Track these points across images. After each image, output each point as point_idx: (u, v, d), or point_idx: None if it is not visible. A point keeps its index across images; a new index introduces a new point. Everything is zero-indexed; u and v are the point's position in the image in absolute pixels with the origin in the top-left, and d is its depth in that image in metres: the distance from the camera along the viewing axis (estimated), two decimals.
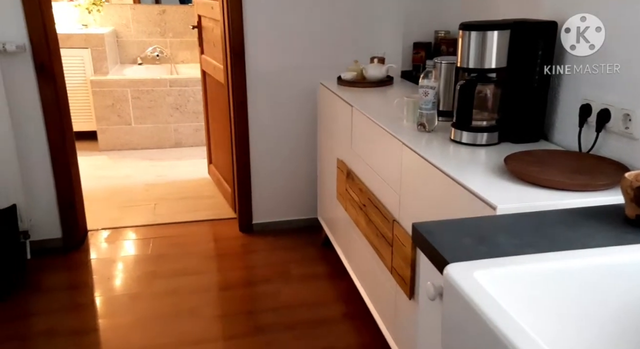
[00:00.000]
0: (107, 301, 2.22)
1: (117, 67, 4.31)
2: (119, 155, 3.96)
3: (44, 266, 2.40)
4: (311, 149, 2.69)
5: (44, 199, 2.50)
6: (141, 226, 2.88)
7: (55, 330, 1.98)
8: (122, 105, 3.95)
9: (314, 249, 2.61)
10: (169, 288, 2.28)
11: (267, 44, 2.53)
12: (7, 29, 2.20)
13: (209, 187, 3.42)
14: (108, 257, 2.57)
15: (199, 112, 4.08)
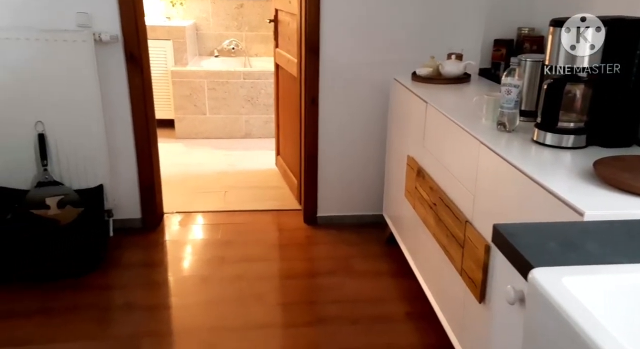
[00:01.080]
0: (179, 281, 2.34)
1: (196, 59, 4.50)
2: (193, 143, 4.14)
3: (123, 244, 2.56)
4: (380, 145, 2.68)
5: (127, 181, 2.66)
6: (212, 211, 3.00)
7: (133, 304, 2.11)
8: (198, 95, 4.12)
9: (377, 246, 2.60)
10: (236, 273, 2.36)
11: (342, 39, 2.54)
12: (103, 20, 2.36)
13: (275, 178, 3.50)
14: (181, 240, 2.70)
15: (269, 104, 4.18)
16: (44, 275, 2.22)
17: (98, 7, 2.34)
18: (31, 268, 2.22)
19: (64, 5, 2.31)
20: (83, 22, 2.34)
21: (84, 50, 2.33)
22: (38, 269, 2.22)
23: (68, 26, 2.34)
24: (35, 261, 2.22)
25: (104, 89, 2.45)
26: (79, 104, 2.42)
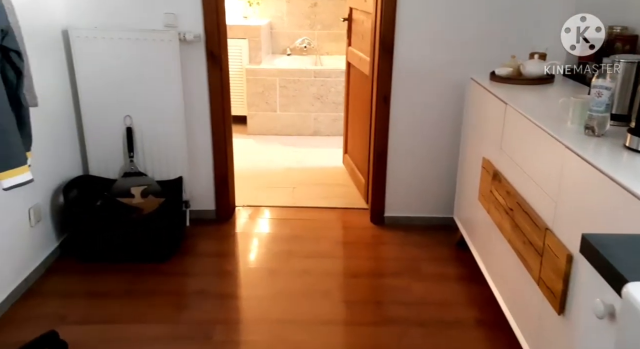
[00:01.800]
0: (248, 272, 2.43)
1: (269, 57, 4.61)
2: (264, 139, 4.25)
3: (198, 234, 2.69)
4: (453, 146, 2.62)
5: (204, 175, 2.79)
6: (280, 206, 3.07)
7: (206, 291, 2.21)
8: (270, 93, 4.23)
9: (447, 249, 2.55)
10: (303, 268, 2.41)
11: (417, 38, 2.51)
12: (188, 20, 2.49)
13: (342, 176, 3.52)
14: (251, 232, 2.79)
15: (338, 102, 4.20)
16: (128, 259, 2.37)
17: (184, 8, 2.47)
18: (117, 252, 2.38)
19: (153, 6, 2.46)
20: (170, 22, 2.48)
21: (170, 49, 2.46)
22: (123, 253, 2.39)
23: (156, 26, 2.48)
24: (120, 246, 2.38)
25: (185, 87, 2.58)
26: (163, 100, 2.56)
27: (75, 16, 2.44)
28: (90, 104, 2.54)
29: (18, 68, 1.36)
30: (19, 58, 1.35)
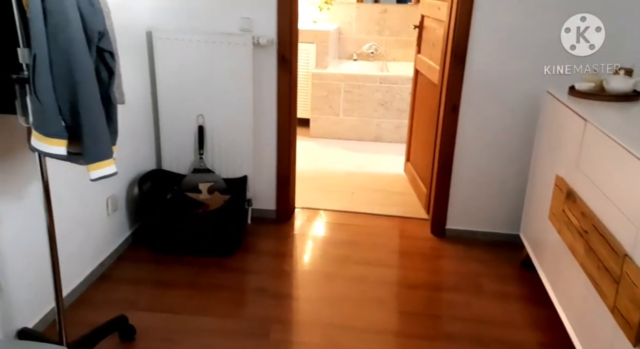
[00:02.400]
0: (305, 274, 2.46)
1: (335, 62, 4.65)
2: (325, 143, 4.29)
3: (258, 232, 2.76)
4: (523, 161, 2.53)
5: (267, 175, 2.85)
6: (339, 211, 3.09)
7: (265, 289, 2.26)
8: (334, 97, 4.26)
9: (510, 267, 2.46)
10: (359, 274, 2.41)
11: (491, 47, 2.45)
12: (262, 25, 2.56)
13: (403, 184, 3.48)
14: (309, 234, 2.83)
15: (402, 109, 4.17)
16: (193, 252, 2.47)
17: (259, 13, 2.54)
18: (183, 244, 2.49)
19: (230, 10, 2.55)
20: (245, 27, 2.56)
21: (244, 53, 2.55)
22: (189, 246, 2.49)
23: (232, 30, 2.57)
24: (186, 238, 2.48)
25: (255, 89, 2.65)
26: (234, 101, 2.65)
27: (158, 18, 2.57)
28: (167, 102, 2.67)
29: (110, 68, 1.45)
30: (112, 58, 1.45)
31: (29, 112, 1.33)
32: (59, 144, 1.35)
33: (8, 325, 1.68)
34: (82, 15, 1.30)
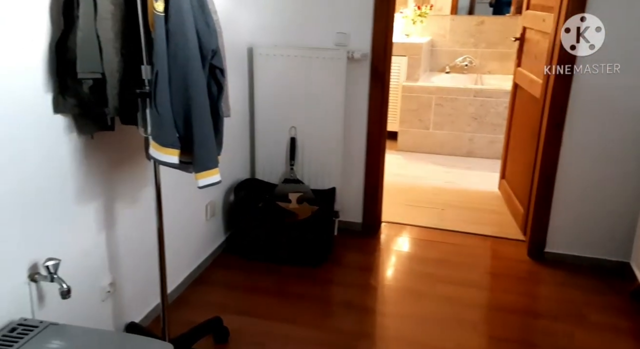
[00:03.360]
0: (392, 289, 2.42)
1: (427, 75, 4.58)
2: (413, 157, 4.22)
3: (345, 244, 2.77)
4: (634, 183, 2.31)
5: (354, 187, 2.86)
6: (427, 227, 3.01)
7: (351, 302, 2.26)
8: (424, 110, 4.19)
9: (618, 298, 2.25)
10: (448, 294, 2.32)
11: (603, 60, 2.27)
12: (357, 40, 2.59)
13: (496, 202, 3.33)
14: (396, 250, 2.79)
15: (497, 124, 4.00)
16: (282, 260, 2.54)
17: (355, 28, 2.58)
18: (273, 252, 2.56)
19: (327, 26, 2.61)
20: (341, 41, 2.61)
21: (338, 67, 2.59)
22: (278, 254, 2.56)
23: (327, 45, 2.63)
24: (276, 247, 2.56)
25: (347, 102, 2.68)
26: (325, 113, 2.70)
27: (259, 35, 2.70)
28: (263, 115, 2.78)
29: (220, 83, 1.55)
30: (222, 75, 1.54)
31: (147, 124, 1.45)
32: (173, 153, 1.46)
33: (119, 319, 1.83)
34: (199, 35, 1.40)
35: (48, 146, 1.42)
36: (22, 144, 1.33)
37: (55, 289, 1.38)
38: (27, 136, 1.35)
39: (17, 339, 1.21)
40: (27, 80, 1.33)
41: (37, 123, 1.38)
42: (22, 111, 1.33)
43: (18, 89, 1.31)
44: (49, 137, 1.42)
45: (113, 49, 1.38)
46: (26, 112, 1.34)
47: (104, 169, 1.66)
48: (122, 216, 1.78)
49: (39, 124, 1.38)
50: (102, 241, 1.70)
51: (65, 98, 1.41)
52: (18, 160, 1.33)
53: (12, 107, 1.29)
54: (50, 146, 1.43)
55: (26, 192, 1.36)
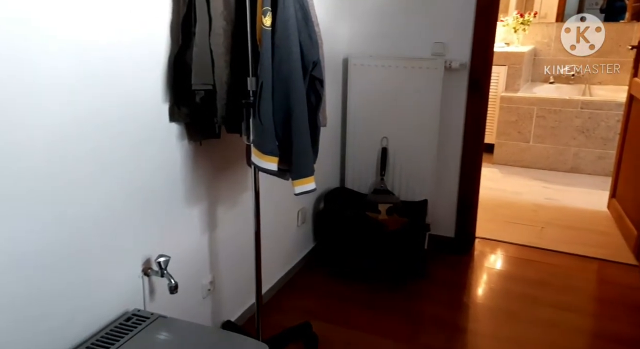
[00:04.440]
0: (486, 309, 2.31)
1: (527, 85, 4.36)
2: (509, 170, 4.02)
3: (436, 259, 2.69)
4: None
5: (447, 201, 2.78)
6: (525, 246, 2.85)
7: (442, 319, 2.19)
8: (524, 122, 3.98)
9: None
10: (549, 318, 2.17)
11: None
12: (456, 49, 2.53)
13: (605, 222, 3.06)
14: (491, 268, 2.66)
15: (607, 139, 3.69)
16: (370, 270, 2.53)
17: (454, 37, 2.52)
18: (361, 262, 2.56)
19: (424, 36, 2.58)
20: (438, 51, 2.57)
21: (434, 77, 2.55)
22: (366, 264, 2.55)
23: (424, 54, 2.60)
24: (364, 257, 2.56)
25: (442, 112, 2.62)
26: (419, 124, 2.66)
27: (355, 45, 2.74)
28: (355, 124, 2.81)
29: (319, 94, 1.60)
30: (321, 86, 1.59)
31: (250, 133, 1.53)
32: (272, 160, 1.53)
33: (217, 316, 1.94)
34: (302, 48, 1.46)
35: (163, 152, 1.55)
36: (143, 149, 1.47)
37: (164, 284, 1.49)
38: (147, 142, 1.48)
39: (131, 328, 1.33)
40: (149, 92, 1.47)
41: (156, 131, 1.51)
42: (145, 120, 1.46)
43: (143, 100, 1.44)
44: (164, 144, 1.55)
45: (223, 62, 1.47)
46: (147, 121, 1.47)
47: (209, 174, 1.78)
48: (223, 218, 1.89)
49: (157, 132, 1.52)
50: (205, 241, 1.81)
51: (179, 108, 1.54)
52: (140, 164, 1.47)
53: (138, 117, 1.43)
54: (164, 152, 1.56)
55: (144, 193, 1.49)
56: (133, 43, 1.38)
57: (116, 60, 1.33)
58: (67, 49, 1.20)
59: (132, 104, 1.41)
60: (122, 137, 1.39)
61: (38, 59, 1.13)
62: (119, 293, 1.43)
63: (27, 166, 1.14)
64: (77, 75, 1.23)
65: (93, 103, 1.29)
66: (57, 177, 1.21)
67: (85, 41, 1.24)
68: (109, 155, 1.35)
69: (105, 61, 1.30)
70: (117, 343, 1.26)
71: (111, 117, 1.34)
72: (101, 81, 1.30)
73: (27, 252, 1.17)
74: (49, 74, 1.16)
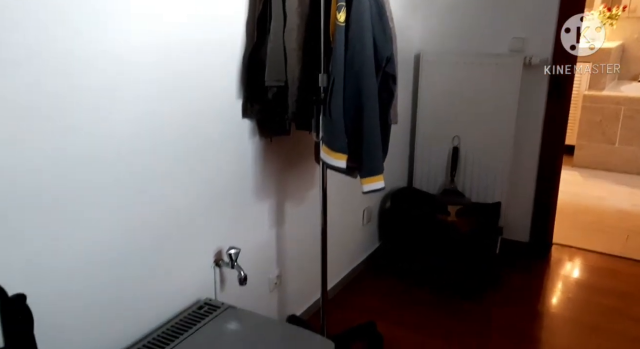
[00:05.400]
0: (563, 320, 2.17)
1: (614, 83, 4.05)
2: (591, 174, 3.76)
3: (508, 265, 2.56)
4: None
5: (522, 204, 2.65)
6: (608, 254, 2.65)
7: (514, 328, 2.08)
8: (610, 123, 3.70)
9: None
10: (635, 334, 2.00)
11: None
12: (536, 45, 2.40)
13: None
14: (569, 277, 2.50)
15: None
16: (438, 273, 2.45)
17: (535, 32, 2.39)
18: (429, 264, 2.49)
19: (502, 31, 2.47)
20: (516, 47, 2.44)
21: (511, 73, 2.43)
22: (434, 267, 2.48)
23: (501, 50, 2.49)
24: (432, 259, 2.48)
25: (519, 111, 2.49)
26: (494, 123, 2.54)
27: (428, 41, 2.66)
28: (425, 122, 2.74)
29: (391, 91, 1.57)
30: (394, 82, 1.56)
31: (320, 129, 1.53)
32: (341, 158, 1.51)
33: (282, 310, 1.96)
34: (375, 43, 1.43)
35: (236, 147, 1.59)
36: (218, 144, 1.51)
37: (234, 275, 1.53)
38: (221, 137, 1.52)
39: (203, 316, 1.37)
40: (225, 89, 1.51)
41: (230, 126, 1.55)
42: (219, 116, 1.50)
43: (219, 96, 1.49)
44: (237, 139, 1.59)
45: (296, 59, 1.48)
46: (222, 116, 1.51)
47: (278, 170, 1.80)
48: (290, 215, 1.91)
49: (231, 127, 1.56)
50: (273, 236, 1.84)
51: (252, 104, 1.57)
52: (214, 159, 1.51)
53: (213, 112, 1.48)
54: (237, 147, 1.60)
55: (217, 187, 1.54)
56: (212, 41, 1.42)
57: (198, 57, 1.38)
58: (153, 45, 1.25)
59: (210, 100, 1.46)
60: (199, 131, 1.44)
61: (124, 53, 1.19)
62: (192, 282, 1.48)
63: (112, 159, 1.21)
64: (163, 70, 1.29)
65: (175, 99, 1.34)
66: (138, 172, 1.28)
67: (170, 37, 1.29)
68: (186, 149, 1.40)
69: (188, 57, 1.35)
70: (190, 329, 1.31)
71: (190, 112, 1.40)
72: (184, 77, 1.35)
73: (122, 244, 1.25)
74: (133, 69, 1.22)
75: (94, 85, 1.13)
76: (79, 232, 1.15)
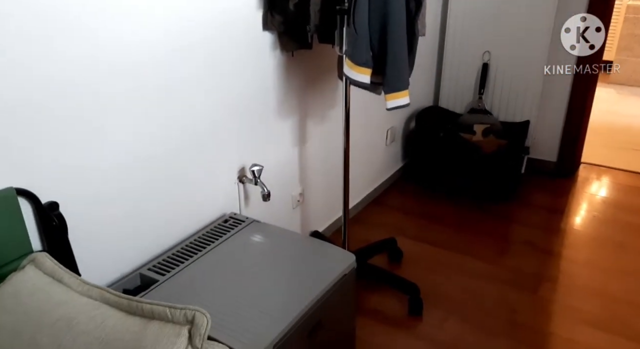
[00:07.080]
0: (584, 236, 2.18)
1: None
2: (629, 91, 3.58)
3: (533, 183, 2.55)
4: None
5: (552, 122, 2.57)
6: (638, 173, 2.59)
7: (533, 243, 2.11)
8: None
9: None
10: None
11: None
12: None
13: None
14: (595, 194, 2.47)
15: None
16: (461, 192, 2.46)
17: None
18: (451, 183, 2.49)
19: None
20: None
21: None
22: (457, 186, 2.48)
23: None
24: (455, 178, 2.48)
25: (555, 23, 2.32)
26: (527, 37, 2.40)
27: None
28: (454, 37, 2.60)
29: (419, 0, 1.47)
30: None
31: (344, 42, 1.46)
32: (365, 72, 1.46)
33: (305, 226, 2.01)
34: None
35: (257, 61, 1.54)
36: (241, 58, 1.47)
37: (257, 192, 1.56)
38: (244, 51, 1.48)
39: (229, 229, 1.42)
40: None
41: (251, 39, 1.49)
42: (239, 27, 1.45)
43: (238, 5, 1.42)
44: (258, 53, 1.54)
45: None
46: (242, 28, 1.46)
47: (300, 87, 1.76)
48: (313, 133, 1.90)
49: (252, 40, 1.50)
50: (296, 154, 1.84)
51: (273, 15, 1.49)
52: (240, 73, 1.48)
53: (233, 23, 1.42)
54: (258, 61, 1.55)
55: (238, 100, 1.51)
56: None
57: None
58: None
59: (229, 11, 1.40)
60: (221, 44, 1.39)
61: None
62: (218, 197, 1.52)
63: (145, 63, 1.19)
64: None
65: (198, 10, 1.29)
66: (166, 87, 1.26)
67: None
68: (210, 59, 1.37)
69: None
70: (216, 241, 1.36)
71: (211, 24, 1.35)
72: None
73: (150, 155, 1.27)
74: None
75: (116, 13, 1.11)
76: (109, 142, 1.17)
